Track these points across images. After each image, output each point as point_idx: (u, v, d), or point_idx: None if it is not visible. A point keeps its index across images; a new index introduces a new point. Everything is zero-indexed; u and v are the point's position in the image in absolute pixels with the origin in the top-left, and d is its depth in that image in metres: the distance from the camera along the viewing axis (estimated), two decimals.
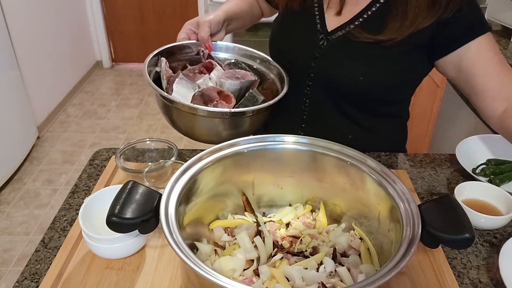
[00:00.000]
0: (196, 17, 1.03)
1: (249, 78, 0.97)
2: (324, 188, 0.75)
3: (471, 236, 0.55)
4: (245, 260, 0.66)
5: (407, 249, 0.54)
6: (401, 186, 0.64)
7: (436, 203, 0.61)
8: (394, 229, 0.63)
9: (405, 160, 1.03)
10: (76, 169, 2.65)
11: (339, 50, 0.97)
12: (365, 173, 0.68)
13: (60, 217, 0.84)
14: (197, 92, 0.89)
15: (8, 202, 2.36)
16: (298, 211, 0.78)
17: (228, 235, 0.72)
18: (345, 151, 0.71)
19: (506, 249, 0.74)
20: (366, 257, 0.69)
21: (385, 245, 0.66)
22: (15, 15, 2.65)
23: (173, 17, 3.82)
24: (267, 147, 0.73)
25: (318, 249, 0.69)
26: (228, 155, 0.71)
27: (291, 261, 0.67)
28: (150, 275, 0.71)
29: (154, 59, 0.96)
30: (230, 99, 0.90)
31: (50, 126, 3.08)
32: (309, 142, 0.73)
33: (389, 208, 0.64)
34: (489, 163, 0.99)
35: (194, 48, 1.02)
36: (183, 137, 0.96)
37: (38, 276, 0.71)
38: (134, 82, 3.77)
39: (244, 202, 0.77)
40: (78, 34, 3.63)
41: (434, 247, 0.59)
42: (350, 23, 0.95)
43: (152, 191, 0.62)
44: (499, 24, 1.77)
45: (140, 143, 0.97)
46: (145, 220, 0.59)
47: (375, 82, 0.95)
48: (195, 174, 0.67)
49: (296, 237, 0.71)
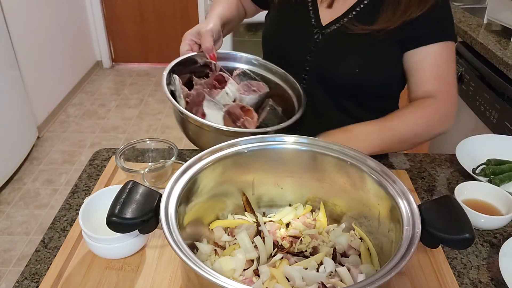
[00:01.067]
0: (195, 26, 1.01)
1: (265, 90, 0.99)
2: (324, 188, 0.75)
3: (471, 236, 0.55)
4: (245, 260, 0.65)
5: (407, 249, 0.54)
6: (401, 186, 0.64)
7: (436, 203, 0.61)
8: (394, 229, 0.63)
9: (405, 160, 1.03)
10: (76, 169, 2.65)
11: (334, 44, 0.98)
12: (365, 173, 0.68)
13: (60, 217, 0.84)
14: (224, 111, 0.90)
15: (8, 202, 2.36)
16: (298, 211, 0.78)
17: (228, 235, 0.72)
18: (345, 151, 0.71)
19: (506, 249, 0.74)
20: (366, 257, 0.69)
21: (385, 245, 0.66)
22: (15, 15, 2.65)
23: (173, 17, 3.81)
24: (267, 147, 0.73)
25: (318, 249, 0.69)
26: (228, 155, 0.71)
27: (291, 261, 0.67)
28: (150, 275, 0.71)
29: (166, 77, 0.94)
30: (252, 113, 0.92)
31: (50, 126, 3.08)
32: (309, 142, 0.73)
33: (389, 208, 0.64)
34: (489, 163, 0.99)
35: (199, 60, 1.00)
36: (183, 137, 0.96)
37: (38, 276, 0.71)
38: (134, 82, 3.77)
39: (244, 202, 0.77)
40: (78, 34, 3.63)
41: (434, 247, 0.59)
42: (344, 17, 0.98)
43: (152, 191, 0.62)
44: (499, 24, 1.77)
45: (140, 143, 0.97)
46: (145, 220, 0.58)
47: (370, 74, 0.97)
48: (195, 174, 0.66)
49: (296, 237, 0.71)
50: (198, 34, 0.99)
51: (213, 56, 0.98)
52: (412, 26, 0.92)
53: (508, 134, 1.42)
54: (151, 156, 0.98)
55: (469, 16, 1.98)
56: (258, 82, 1.01)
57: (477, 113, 1.70)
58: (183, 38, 1.00)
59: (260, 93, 0.98)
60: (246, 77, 1.02)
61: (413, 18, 0.91)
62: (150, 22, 3.86)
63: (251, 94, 0.97)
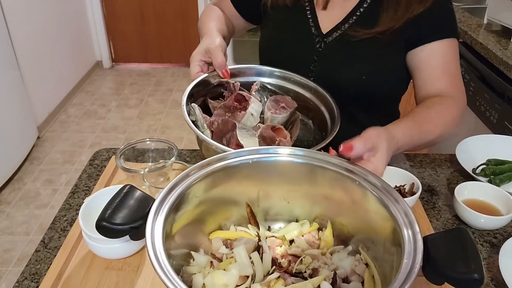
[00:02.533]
0: (200, 45, 0.94)
1: (294, 105, 0.92)
2: (331, 205, 0.71)
3: (479, 277, 0.49)
4: (239, 276, 0.62)
5: (404, 282, 0.49)
6: (404, 207, 0.59)
7: (446, 235, 0.56)
8: (395, 253, 0.58)
9: (405, 160, 1.03)
10: (76, 169, 2.65)
11: (337, 51, 0.96)
12: (368, 191, 0.64)
13: (60, 217, 0.84)
14: (257, 137, 0.84)
15: (8, 202, 2.36)
16: (304, 228, 0.73)
17: (227, 247, 0.69)
18: (345, 165, 0.67)
19: (506, 249, 0.74)
20: (370, 285, 0.63)
21: (387, 273, 0.61)
22: (15, 15, 2.65)
23: (173, 17, 3.81)
24: (271, 159, 0.70)
25: (318, 271, 0.64)
26: (230, 165, 0.68)
27: (288, 282, 0.62)
28: (150, 276, 0.71)
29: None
30: (283, 132, 0.85)
31: (50, 126, 3.08)
32: (306, 154, 0.70)
33: (391, 230, 0.60)
34: (489, 163, 0.99)
35: (212, 80, 0.93)
36: (183, 137, 0.96)
37: (38, 276, 0.71)
38: (134, 82, 3.77)
39: (248, 214, 0.74)
40: (78, 34, 3.63)
41: (438, 283, 0.54)
42: (345, 22, 0.96)
43: (148, 197, 0.60)
44: (499, 24, 1.77)
45: (140, 143, 0.97)
46: (134, 227, 0.57)
47: (377, 79, 0.96)
48: (189, 186, 0.63)
49: (297, 256, 0.67)
50: (207, 52, 0.92)
51: (226, 72, 0.91)
52: (415, 24, 0.91)
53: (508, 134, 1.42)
54: (151, 156, 0.98)
55: (469, 16, 1.98)
56: (283, 96, 0.94)
57: (477, 113, 1.70)
58: (191, 60, 0.93)
59: (290, 109, 0.91)
60: (266, 92, 0.95)
61: (417, 15, 0.90)
62: (150, 22, 3.86)
63: (282, 112, 0.90)
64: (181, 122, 3.09)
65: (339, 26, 0.96)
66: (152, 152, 0.98)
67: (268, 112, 0.90)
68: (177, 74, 3.90)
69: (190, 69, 0.93)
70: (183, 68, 3.95)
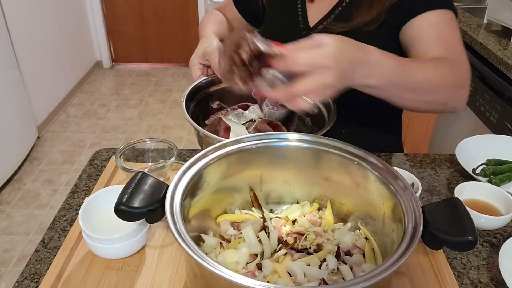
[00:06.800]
0: (197, 49, 0.95)
1: None
2: (331, 186, 0.76)
3: (473, 238, 0.54)
4: (249, 254, 0.66)
5: (407, 247, 0.54)
6: (404, 182, 0.64)
7: (441, 205, 0.61)
8: (396, 229, 0.63)
9: (405, 160, 1.03)
10: (76, 169, 2.65)
11: None
12: (368, 171, 0.68)
13: (60, 217, 0.84)
14: (251, 129, 0.86)
15: (8, 202, 2.36)
16: (305, 209, 0.78)
17: (234, 229, 0.73)
18: (348, 149, 0.71)
19: (506, 249, 0.74)
20: (370, 256, 0.69)
21: (388, 245, 0.66)
22: (15, 15, 2.65)
23: (173, 17, 3.81)
24: (273, 144, 0.73)
25: (322, 246, 0.69)
26: (234, 151, 0.71)
27: (295, 257, 0.67)
28: (150, 275, 0.71)
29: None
30: (280, 128, 0.88)
31: (50, 126, 3.08)
32: (311, 139, 0.73)
33: (392, 207, 0.64)
34: (489, 163, 0.99)
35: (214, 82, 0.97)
36: (183, 137, 0.96)
37: (38, 276, 0.71)
38: (134, 82, 3.77)
39: (251, 198, 0.78)
40: (78, 34, 3.63)
41: (436, 248, 0.58)
42: (330, 15, 0.96)
43: (160, 183, 0.63)
44: (499, 24, 1.77)
45: (140, 143, 0.97)
46: (151, 210, 0.60)
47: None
48: (201, 169, 0.67)
49: (301, 234, 0.72)
50: (205, 56, 0.93)
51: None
52: (400, 4, 0.87)
53: (508, 134, 1.42)
54: (151, 156, 0.98)
55: (469, 16, 1.98)
56: None
57: (477, 113, 1.70)
58: (190, 65, 0.95)
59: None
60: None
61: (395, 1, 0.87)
62: (150, 22, 3.86)
63: (280, 108, 0.92)
64: (181, 122, 3.10)
65: (325, 18, 0.96)
66: (152, 152, 0.98)
67: (266, 108, 0.92)
68: (177, 74, 3.90)
69: (192, 74, 0.95)
70: (183, 68, 3.96)
